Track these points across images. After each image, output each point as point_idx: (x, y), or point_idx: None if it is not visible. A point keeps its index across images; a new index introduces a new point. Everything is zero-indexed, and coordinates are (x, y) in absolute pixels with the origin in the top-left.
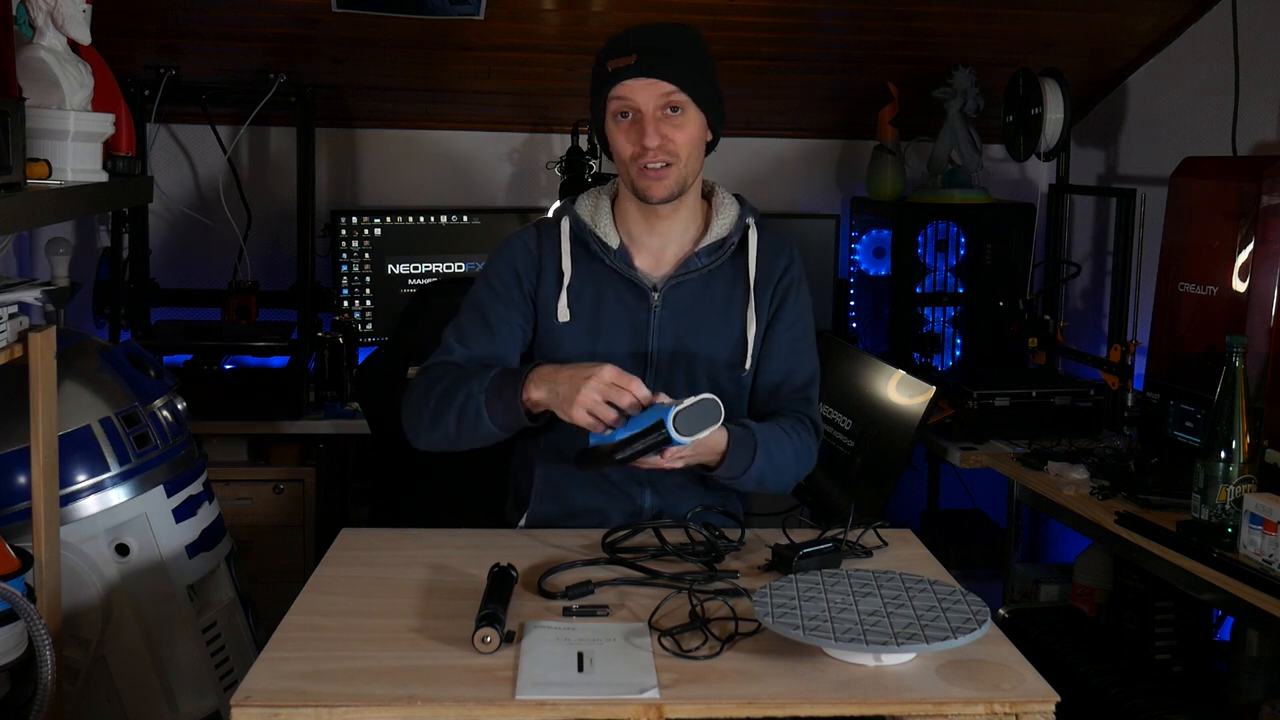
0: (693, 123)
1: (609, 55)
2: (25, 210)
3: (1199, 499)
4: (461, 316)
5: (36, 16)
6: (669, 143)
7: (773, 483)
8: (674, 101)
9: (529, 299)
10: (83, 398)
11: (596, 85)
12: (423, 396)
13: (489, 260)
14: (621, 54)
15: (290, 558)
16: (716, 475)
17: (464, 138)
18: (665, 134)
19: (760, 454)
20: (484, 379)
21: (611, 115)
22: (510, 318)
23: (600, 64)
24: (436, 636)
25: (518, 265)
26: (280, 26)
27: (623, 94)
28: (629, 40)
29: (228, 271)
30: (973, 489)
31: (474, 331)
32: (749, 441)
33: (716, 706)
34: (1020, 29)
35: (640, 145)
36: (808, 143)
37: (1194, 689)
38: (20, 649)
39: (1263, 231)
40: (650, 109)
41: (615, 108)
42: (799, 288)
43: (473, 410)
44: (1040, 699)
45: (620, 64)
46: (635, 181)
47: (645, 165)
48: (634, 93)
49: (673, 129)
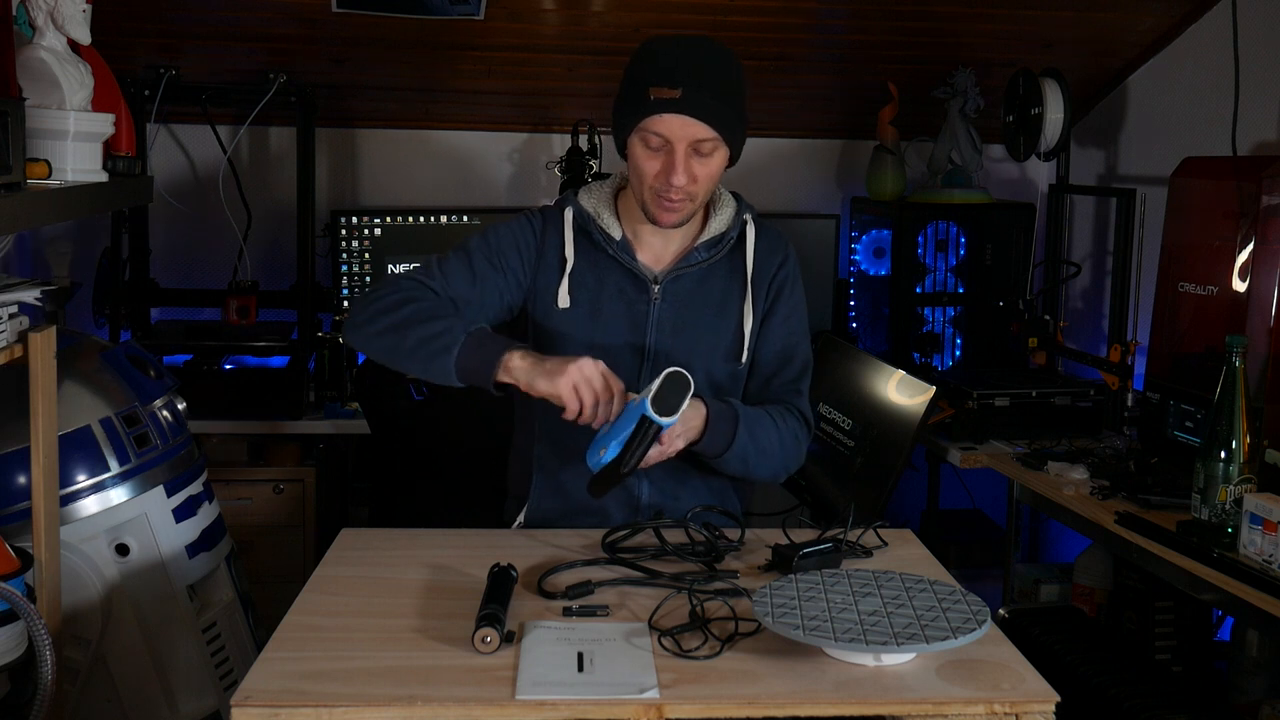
0: (719, 159)
1: (652, 80)
2: (25, 210)
3: (1199, 499)
4: (448, 254)
5: (36, 16)
6: (693, 182)
7: (758, 465)
8: (708, 145)
9: (519, 278)
10: (83, 398)
11: (630, 101)
12: (388, 299)
13: (490, 227)
14: (665, 84)
15: (290, 558)
16: (702, 451)
17: (464, 138)
18: (692, 172)
19: (742, 428)
20: (469, 323)
21: (640, 138)
22: (494, 278)
23: (639, 81)
24: (436, 636)
25: (518, 242)
26: (280, 26)
27: (659, 128)
28: (674, 70)
29: (228, 271)
30: (973, 489)
31: (457, 270)
32: (729, 415)
33: (716, 706)
34: (1020, 29)
35: (666, 179)
36: (808, 143)
37: (1194, 689)
38: (20, 649)
39: (1263, 231)
40: (683, 147)
41: (647, 134)
42: (794, 283)
43: (442, 344)
44: (1040, 699)
45: (663, 95)
46: (648, 204)
47: (664, 196)
48: (671, 129)
49: (699, 166)
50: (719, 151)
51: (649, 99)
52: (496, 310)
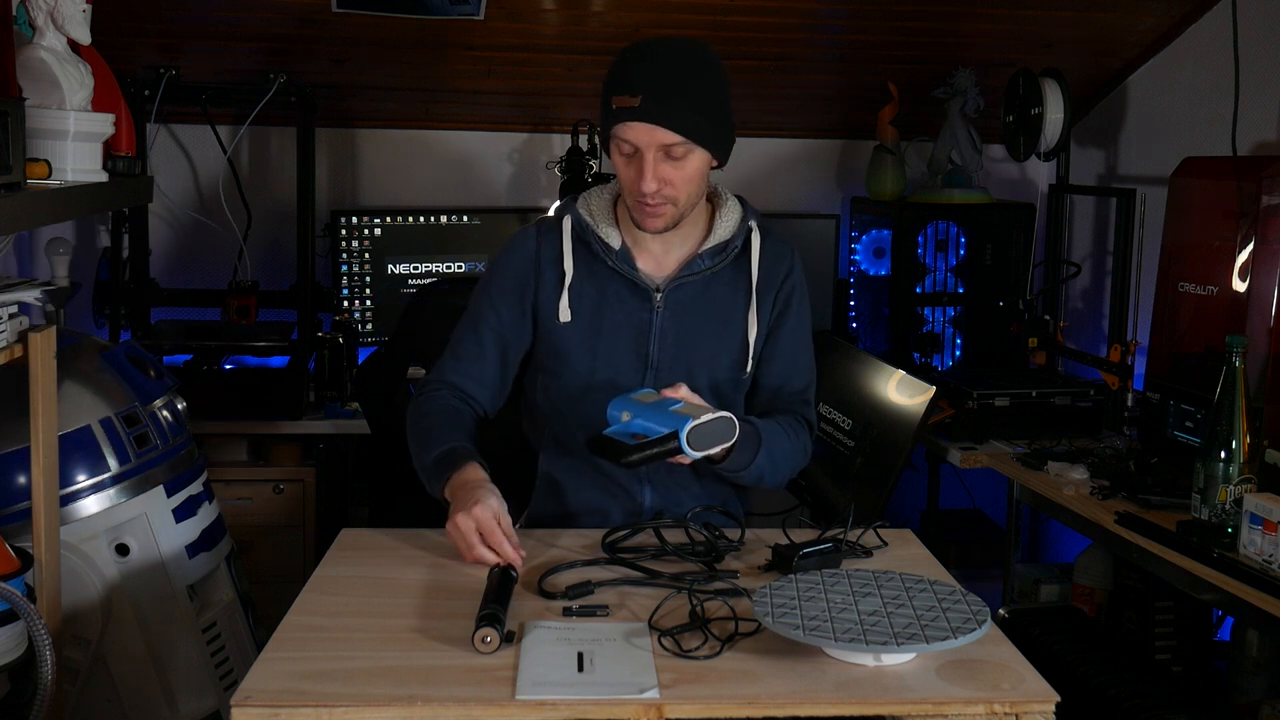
0: (694, 162)
1: (613, 89)
2: (25, 210)
3: (1199, 499)
4: (460, 330)
5: (36, 16)
6: (667, 186)
7: (770, 478)
8: (678, 150)
9: (528, 305)
10: (83, 398)
11: (602, 111)
12: (413, 426)
13: (490, 265)
14: (625, 91)
15: (290, 558)
16: (719, 468)
17: (464, 138)
18: (664, 176)
19: (764, 451)
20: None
21: (615, 145)
22: (504, 331)
23: (606, 90)
24: (436, 636)
25: (518, 270)
26: (280, 26)
27: (626, 135)
28: (633, 76)
29: (228, 271)
30: (973, 489)
31: (468, 351)
32: (754, 437)
33: (716, 706)
34: (1020, 29)
35: (638, 185)
36: (808, 143)
37: (1194, 689)
38: (20, 649)
39: (1263, 231)
40: (651, 153)
41: (619, 142)
42: (800, 294)
43: (424, 476)
44: (1040, 699)
45: (623, 103)
46: (632, 211)
47: (642, 202)
48: (635, 135)
49: (672, 170)
50: (693, 155)
51: (613, 108)
52: (521, 349)
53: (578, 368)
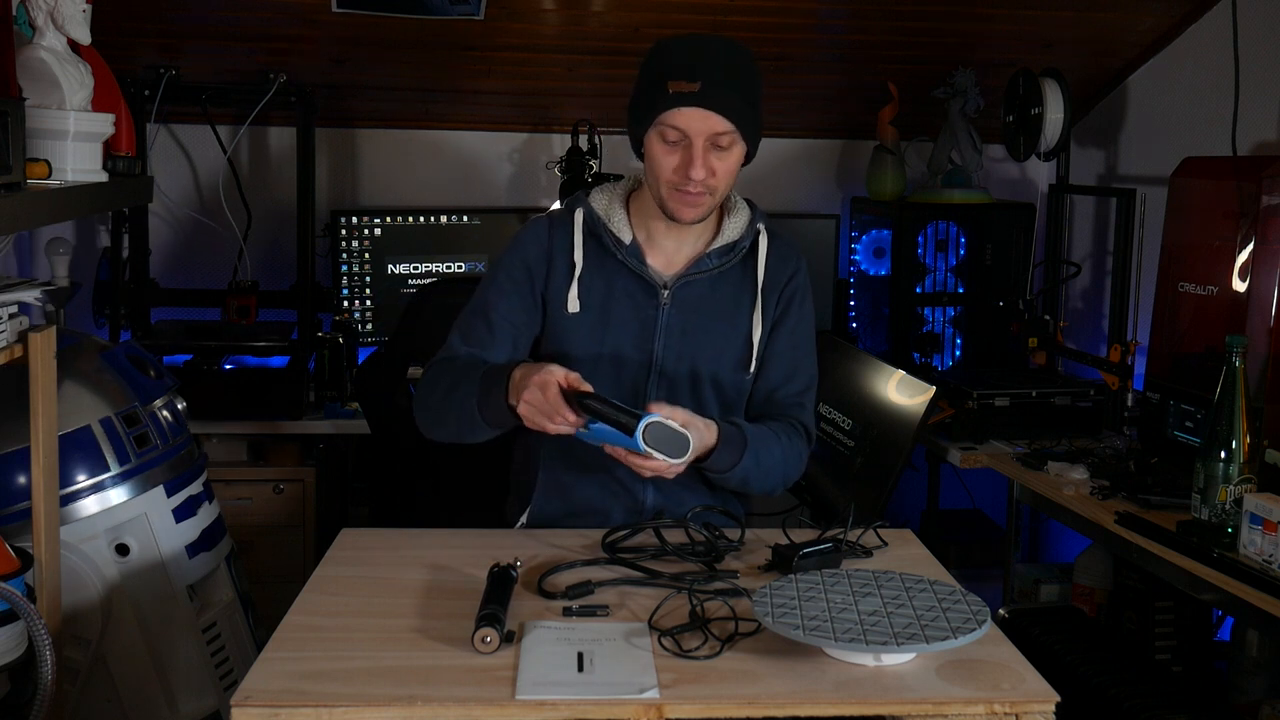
0: (737, 154)
1: (671, 74)
2: (25, 210)
3: (1199, 499)
4: (468, 313)
5: (36, 16)
6: (711, 176)
7: (757, 483)
8: (726, 139)
9: (538, 294)
10: (83, 398)
11: (648, 97)
12: (428, 396)
13: (503, 253)
14: (684, 77)
15: (290, 558)
16: (702, 468)
17: (464, 138)
18: (711, 166)
19: (748, 454)
20: (473, 383)
21: (659, 133)
22: (514, 317)
23: (656, 76)
24: (436, 636)
25: (529, 259)
26: (280, 26)
27: (677, 122)
28: (694, 64)
29: (228, 271)
30: (973, 489)
31: (477, 332)
32: (738, 440)
33: (716, 706)
34: (1020, 29)
35: (684, 174)
36: (808, 143)
37: (1194, 689)
38: (20, 649)
39: (1263, 231)
40: (701, 140)
41: (665, 129)
42: (804, 295)
43: (468, 414)
44: (1040, 699)
45: (682, 88)
46: (667, 200)
47: (682, 190)
48: (689, 122)
49: (716, 160)
50: (736, 146)
51: (668, 93)
52: (529, 338)
53: (582, 359)
